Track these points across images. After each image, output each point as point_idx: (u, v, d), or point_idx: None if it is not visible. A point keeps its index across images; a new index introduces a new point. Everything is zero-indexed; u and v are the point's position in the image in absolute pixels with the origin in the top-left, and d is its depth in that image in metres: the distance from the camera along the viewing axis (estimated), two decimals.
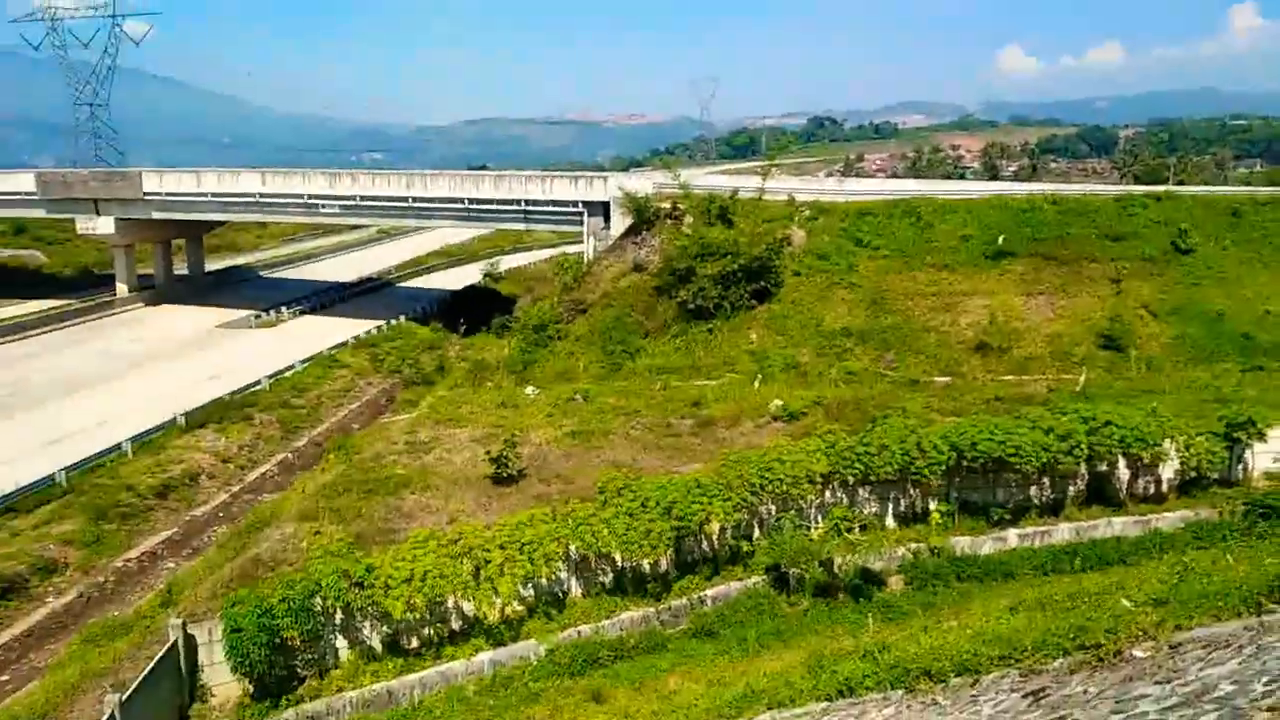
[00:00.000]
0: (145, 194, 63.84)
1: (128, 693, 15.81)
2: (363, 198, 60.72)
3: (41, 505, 30.53)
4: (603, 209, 53.67)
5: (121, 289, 68.53)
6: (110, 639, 21.22)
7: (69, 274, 77.39)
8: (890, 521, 25.24)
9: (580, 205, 54.75)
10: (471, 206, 58.49)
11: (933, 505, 25.14)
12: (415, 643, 20.24)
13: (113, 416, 38.89)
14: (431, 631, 20.37)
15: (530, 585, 21.30)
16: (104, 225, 65.85)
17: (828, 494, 24.72)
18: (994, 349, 39.14)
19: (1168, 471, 25.81)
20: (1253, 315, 40.87)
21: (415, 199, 59.64)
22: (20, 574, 26.63)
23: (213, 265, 79.28)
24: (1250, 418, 25.36)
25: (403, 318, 60.07)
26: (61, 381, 45.88)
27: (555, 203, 56.13)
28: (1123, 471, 25.64)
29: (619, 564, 22.32)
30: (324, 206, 62.30)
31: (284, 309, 63.71)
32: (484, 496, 25.72)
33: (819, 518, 24.59)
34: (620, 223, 52.29)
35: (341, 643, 19.81)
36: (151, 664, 17.07)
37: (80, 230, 67.64)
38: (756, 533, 24.14)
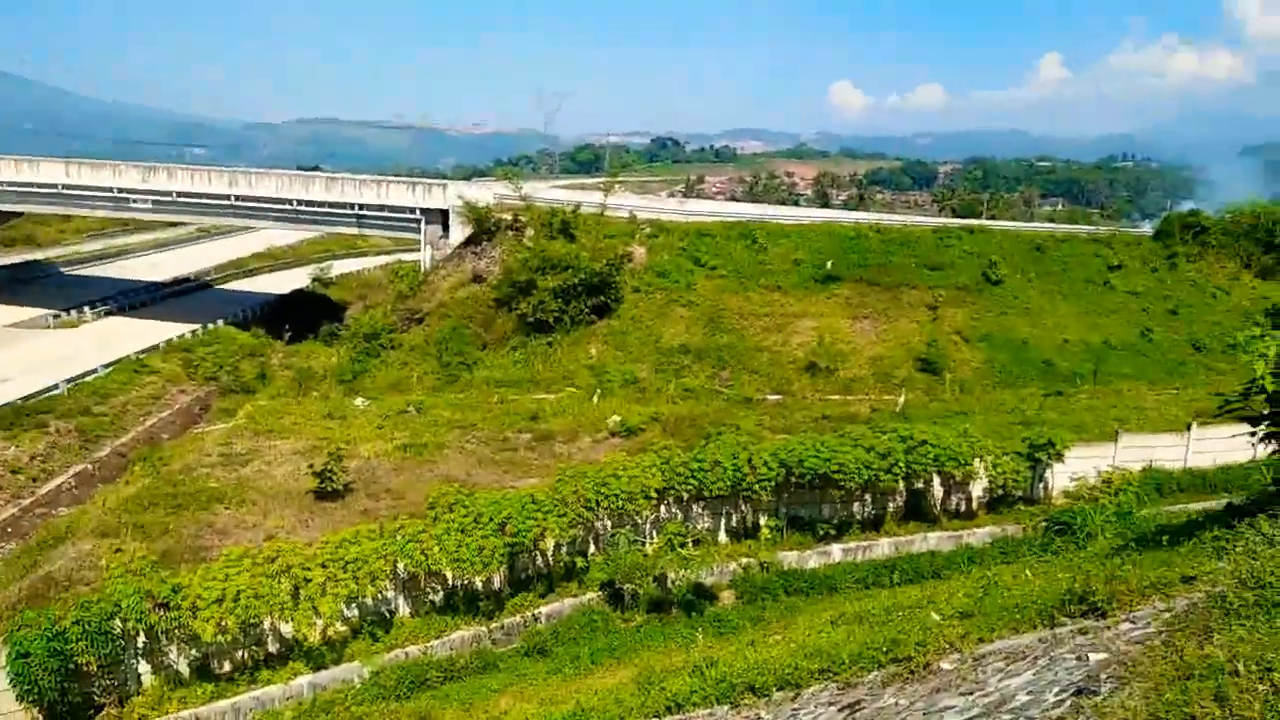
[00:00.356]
0: None
1: None
2: (180, 194, 57.15)
3: None
4: (441, 217, 52.57)
5: None
6: None
7: None
8: (723, 536, 25.70)
9: (418, 212, 53.45)
10: (301, 208, 56.07)
11: (763, 520, 25.79)
12: (228, 666, 18.95)
13: None
14: (246, 655, 19.13)
15: (354, 605, 20.39)
16: None
17: (663, 509, 24.92)
18: (822, 369, 40.78)
19: (977, 489, 27.51)
20: (1053, 343, 44.40)
21: (239, 198, 56.64)
22: None
23: (7, 259, 72.41)
24: (1050, 439, 27.38)
25: (221, 322, 56.67)
26: None
27: (391, 208, 54.58)
28: (937, 489, 27.15)
29: (450, 582, 21.71)
30: (136, 202, 58.24)
31: (87, 309, 58.80)
32: (306, 512, 24.57)
33: (654, 533, 24.74)
34: (460, 232, 51.39)
35: (144, 668, 18.32)
36: None
37: None
38: (592, 548, 24.05)
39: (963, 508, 27.51)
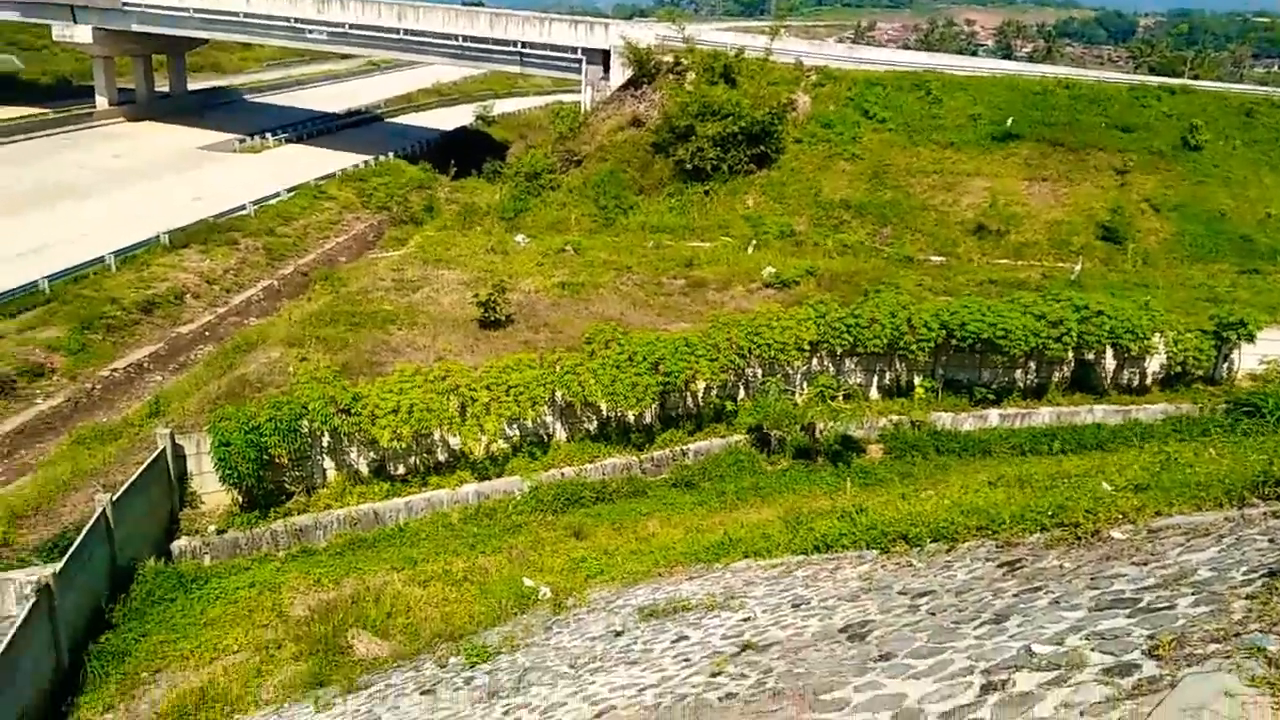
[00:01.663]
0: (124, 4, 60.79)
1: (118, 493, 16.01)
2: (352, 26, 58.05)
3: (24, 311, 30.29)
4: (602, 58, 51.76)
5: (101, 101, 66.08)
6: (100, 443, 21.41)
7: (46, 82, 74.22)
8: (875, 393, 25.55)
9: (579, 52, 52.73)
10: (465, 45, 56.16)
11: (918, 380, 25.42)
12: (402, 470, 20.58)
13: (94, 229, 38.12)
14: (418, 461, 20.69)
15: (515, 426, 21.56)
16: (81, 34, 62.89)
17: (814, 362, 24.90)
18: (992, 232, 38.86)
19: (1154, 365, 26.14)
20: (1254, 217, 40.67)
21: (407, 31, 57.11)
22: (7, 375, 26.72)
23: (196, 85, 76.34)
24: (1242, 319, 25.51)
25: (391, 154, 58.54)
26: (40, 191, 44.74)
27: (553, 47, 54.03)
28: (1109, 362, 25.94)
29: (604, 413, 22.57)
30: (311, 32, 59.58)
31: (269, 135, 61.85)
32: (471, 339, 25.71)
33: (804, 384, 24.84)
34: (620, 74, 50.55)
35: (329, 464, 20.10)
36: (141, 469, 17.24)
37: (56, 37, 64.70)
38: (741, 394, 24.40)
39: (1135, 383, 26.26)
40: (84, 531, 14.55)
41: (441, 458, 20.90)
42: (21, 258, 34.22)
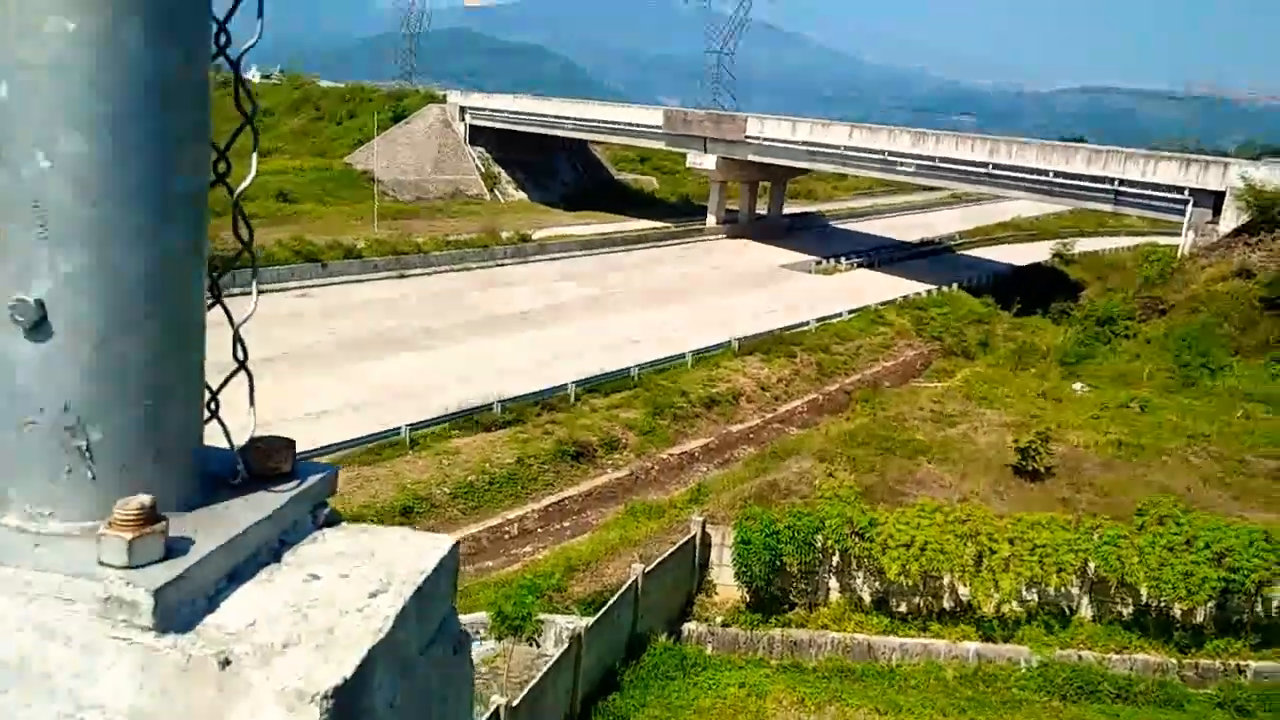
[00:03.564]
0: (746, 137, 69.82)
1: (651, 566, 18.19)
2: (941, 159, 59.64)
3: (615, 392, 36.20)
4: (1213, 200, 46.58)
5: (710, 220, 76.74)
6: (646, 517, 24.54)
7: (672, 201, 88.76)
8: None
9: (1186, 193, 48.03)
10: (1054, 181, 54.42)
11: None
12: (903, 607, 20.26)
13: (682, 328, 44.24)
14: (921, 602, 20.20)
15: (1034, 590, 19.97)
16: (707, 162, 73.39)
17: None
18: None
19: None
20: None
21: (995, 166, 57.11)
22: (592, 444, 32.33)
23: (789, 210, 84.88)
24: None
25: (955, 285, 58.75)
26: (651, 290, 53.31)
27: (1154, 186, 49.95)
28: None
29: (1143, 598, 19.86)
30: (901, 165, 62.45)
31: (843, 259, 66.24)
32: (1002, 485, 24.45)
33: None
34: (1233, 218, 45.01)
35: (834, 584, 20.56)
36: (674, 548, 19.42)
37: (689, 164, 76.61)
38: None
39: None
40: (617, 594, 16.77)
41: (946, 605, 20.12)
42: (625, 347, 40.92)
